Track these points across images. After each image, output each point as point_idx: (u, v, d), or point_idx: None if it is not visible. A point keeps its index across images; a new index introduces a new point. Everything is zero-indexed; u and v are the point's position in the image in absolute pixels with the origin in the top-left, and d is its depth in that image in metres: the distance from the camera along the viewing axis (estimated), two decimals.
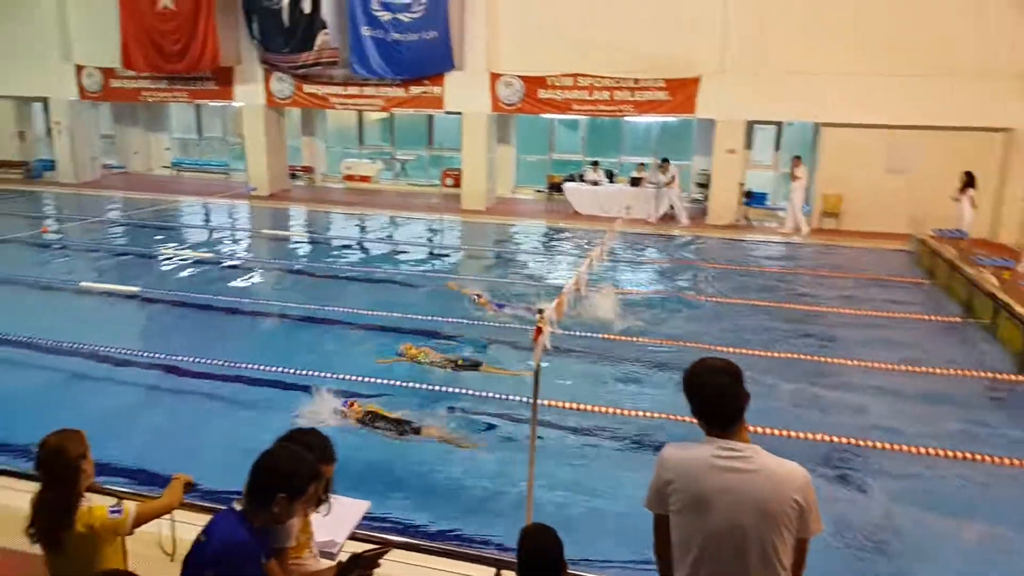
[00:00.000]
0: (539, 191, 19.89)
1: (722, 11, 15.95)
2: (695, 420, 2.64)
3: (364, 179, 21.07)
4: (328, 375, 7.62)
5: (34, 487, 3.17)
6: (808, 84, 15.50)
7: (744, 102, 16.22)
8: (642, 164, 18.48)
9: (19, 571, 4.23)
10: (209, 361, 8.09)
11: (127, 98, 20.38)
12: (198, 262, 12.93)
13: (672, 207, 17.10)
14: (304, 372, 7.73)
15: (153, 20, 18.36)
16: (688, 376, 2.66)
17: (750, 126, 17.08)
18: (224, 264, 12.93)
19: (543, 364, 5.07)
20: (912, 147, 15.47)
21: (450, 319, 9.70)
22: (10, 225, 15.95)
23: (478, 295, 10.60)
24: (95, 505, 3.16)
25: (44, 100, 21.10)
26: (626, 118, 18.25)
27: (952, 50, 14.74)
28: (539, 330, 5.41)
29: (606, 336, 9.34)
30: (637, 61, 16.43)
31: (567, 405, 7.24)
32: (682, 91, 16.56)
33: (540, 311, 6.15)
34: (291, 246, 14.96)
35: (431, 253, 14.45)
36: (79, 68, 20.02)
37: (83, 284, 11.21)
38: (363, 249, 14.53)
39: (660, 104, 16.83)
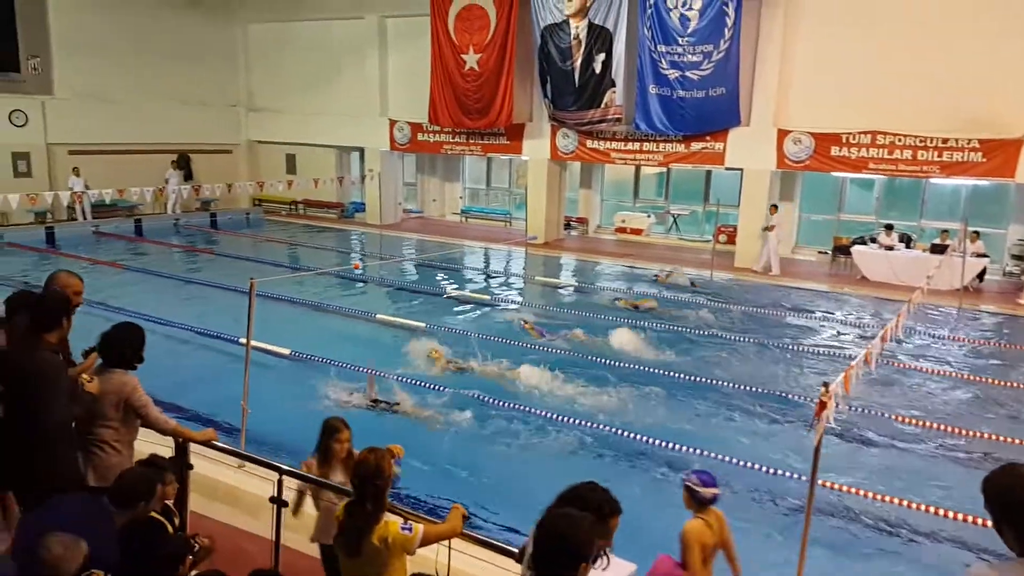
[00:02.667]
0: (823, 252, 18.60)
1: None
2: (998, 534, 2.15)
3: (636, 232, 21.22)
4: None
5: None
6: None
7: None
8: (946, 231, 16.58)
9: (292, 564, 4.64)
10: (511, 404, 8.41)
11: (430, 150, 22.54)
12: (479, 304, 13.77)
13: (769, 256, 16.93)
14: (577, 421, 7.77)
15: (459, 81, 20.20)
16: (1000, 482, 2.19)
17: None
18: (499, 306, 13.61)
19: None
20: None
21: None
22: (326, 259, 18.29)
23: (524, 321, 11.71)
24: (390, 520, 3.38)
25: (360, 150, 24.04)
26: (930, 179, 16.53)
27: None
28: (823, 404, 5.01)
29: (898, 417, 8.37)
30: (948, 119, 14.91)
31: (845, 488, 6.58)
32: (1000, 152, 14.69)
33: (825, 385, 5.70)
34: (560, 292, 15.37)
35: (697, 312, 13.99)
36: (392, 123, 22.56)
37: (379, 316, 12.41)
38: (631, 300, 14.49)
39: (973, 166, 15.05)
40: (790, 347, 11.32)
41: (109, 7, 21.89)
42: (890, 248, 16.46)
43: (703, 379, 9.58)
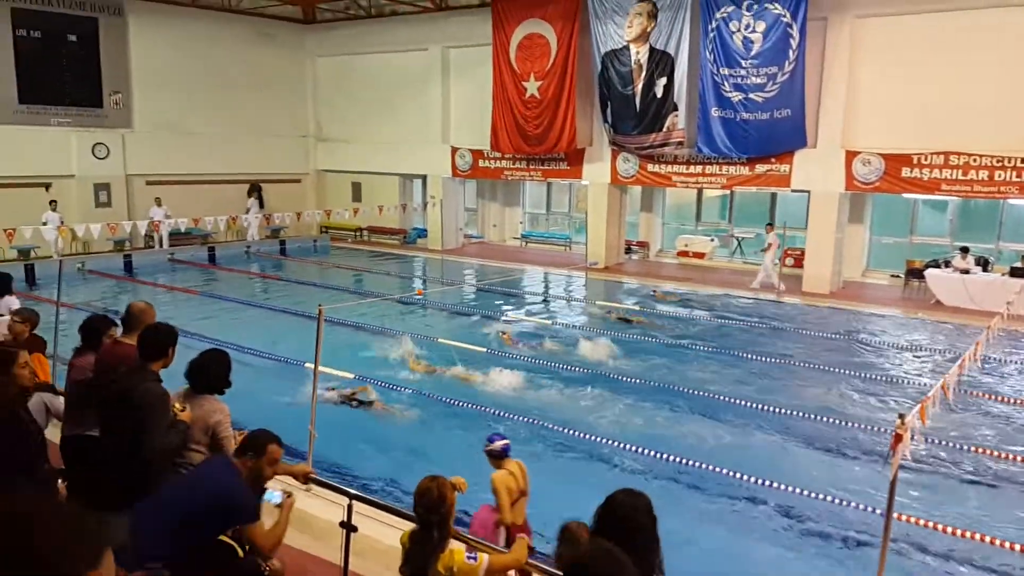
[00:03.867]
0: (894, 276, 18.04)
1: None
2: None
3: (698, 255, 20.96)
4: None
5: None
6: None
7: None
8: None
9: None
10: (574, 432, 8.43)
11: (491, 176, 22.78)
12: (540, 328, 13.79)
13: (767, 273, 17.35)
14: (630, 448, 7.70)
15: (520, 107, 20.42)
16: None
17: None
18: (564, 333, 13.59)
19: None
20: None
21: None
22: (390, 284, 18.59)
23: (503, 332, 12.84)
24: (455, 549, 3.39)
25: (423, 177, 24.45)
26: (1009, 201, 15.92)
27: None
28: (898, 437, 4.85)
29: (978, 449, 8.02)
30: None
31: (922, 522, 6.34)
32: None
33: (901, 417, 5.54)
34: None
35: (760, 335, 13.69)
36: (454, 150, 22.90)
37: (440, 340, 12.54)
38: (693, 323, 14.28)
39: None
40: (861, 375, 10.98)
41: (187, 43, 22.93)
42: (966, 272, 15.85)
43: (767, 407, 9.38)
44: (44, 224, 18.48)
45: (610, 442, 8.14)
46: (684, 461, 7.61)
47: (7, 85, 19.70)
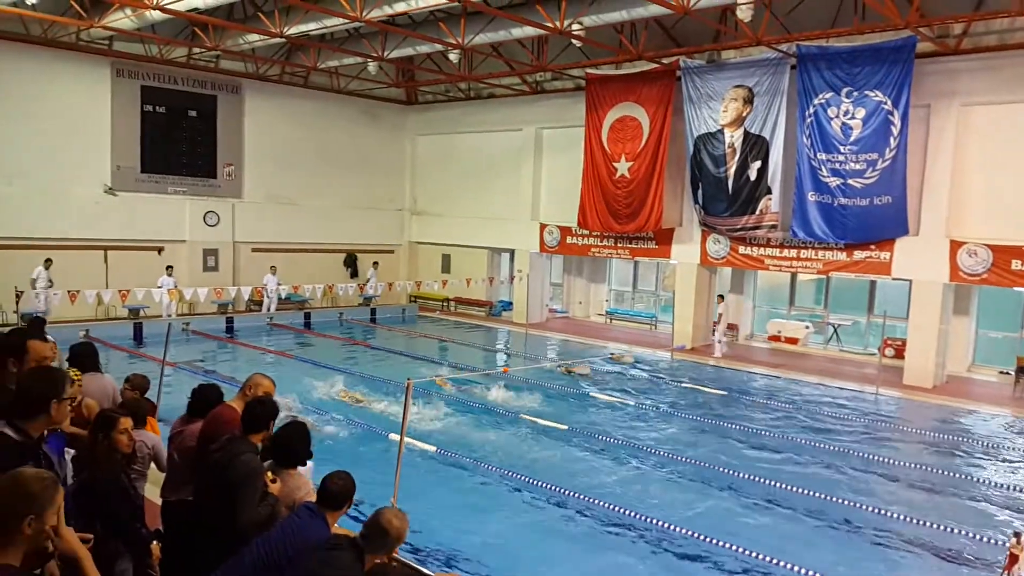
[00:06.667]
0: (1003, 372, 16.99)
1: None
2: None
3: (791, 341, 20.31)
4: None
5: None
6: None
7: None
8: None
9: None
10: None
11: (578, 252, 22.94)
12: (627, 407, 13.58)
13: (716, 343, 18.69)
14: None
15: (610, 187, 20.66)
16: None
17: None
18: (648, 414, 13.33)
19: None
20: None
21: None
22: (474, 355, 18.76)
23: (439, 377, 14.43)
24: None
25: (511, 251, 24.85)
26: None
27: None
28: (1014, 557, 4.55)
29: None
30: None
31: None
32: None
33: (1017, 535, 5.21)
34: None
35: (859, 432, 13.04)
36: (542, 226, 23.24)
37: (522, 415, 12.50)
38: (787, 418, 13.74)
39: None
40: (967, 480, 10.29)
41: (296, 121, 24.41)
42: None
43: (859, 504, 8.90)
44: (159, 287, 19.59)
45: (713, 541, 7.85)
46: (780, 563, 7.24)
47: (133, 155, 21.31)
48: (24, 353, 4.37)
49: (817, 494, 9.23)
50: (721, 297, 19.44)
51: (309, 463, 4.87)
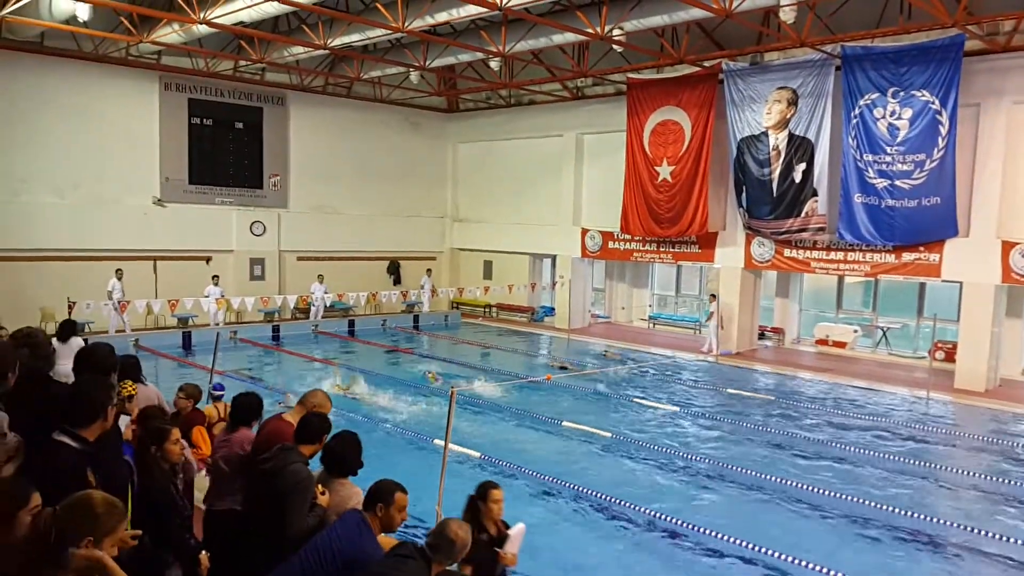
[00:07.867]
0: None
1: None
2: None
3: (839, 344, 19.94)
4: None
5: None
6: None
7: None
8: None
9: None
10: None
11: (620, 257, 22.85)
12: (665, 413, 13.49)
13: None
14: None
15: (652, 191, 20.55)
16: None
17: None
18: (692, 419, 13.22)
19: None
20: None
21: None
22: (517, 361, 18.81)
23: (430, 372, 14.84)
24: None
25: (552, 257, 24.85)
26: None
27: None
28: None
29: None
30: None
31: None
32: None
33: None
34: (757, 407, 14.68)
35: (907, 437, 12.73)
36: (584, 231, 23.20)
37: (565, 423, 12.49)
38: (837, 424, 13.49)
39: None
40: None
41: (340, 130, 24.82)
42: None
43: (913, 512, 8.70)
44: (206, 296, 20.05)
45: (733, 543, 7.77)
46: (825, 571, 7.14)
47: (181, 167, 21.87)
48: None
49: (887, 507, 9.03)
50: (713, 296, 19.80)
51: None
